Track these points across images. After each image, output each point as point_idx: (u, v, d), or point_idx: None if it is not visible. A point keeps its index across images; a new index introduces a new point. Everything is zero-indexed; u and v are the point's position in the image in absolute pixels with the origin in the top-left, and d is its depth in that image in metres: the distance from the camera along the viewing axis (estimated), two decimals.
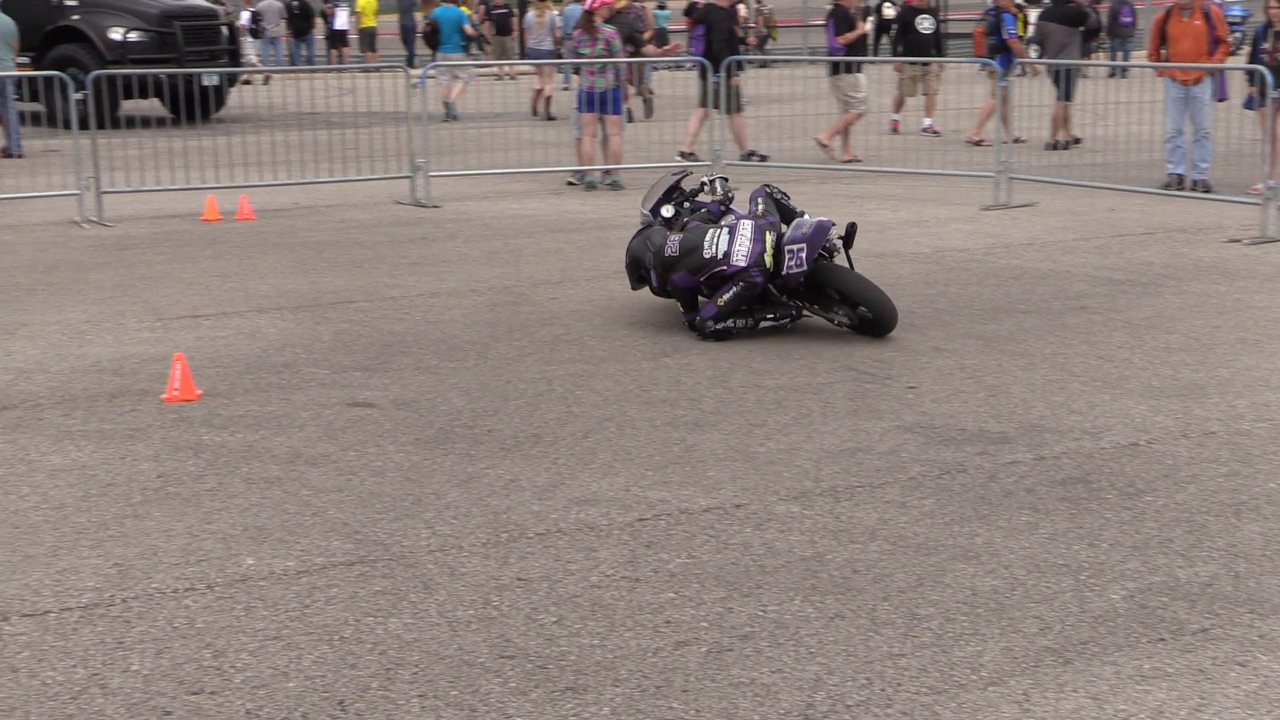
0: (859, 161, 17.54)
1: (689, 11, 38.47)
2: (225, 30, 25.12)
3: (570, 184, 16.04)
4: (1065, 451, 6.76)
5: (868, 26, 20.79)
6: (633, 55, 19.25)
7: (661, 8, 37.39)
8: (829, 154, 17.75)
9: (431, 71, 22.48)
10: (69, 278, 11.08)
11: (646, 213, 9.76)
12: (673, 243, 9.06)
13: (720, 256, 8.86)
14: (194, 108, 19.65)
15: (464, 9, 27.03)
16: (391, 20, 38.67)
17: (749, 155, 17.39)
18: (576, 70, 16.26)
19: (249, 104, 26.20)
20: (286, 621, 4.98)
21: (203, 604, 5.14)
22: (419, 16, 36.20)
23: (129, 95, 18.38)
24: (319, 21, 38.28)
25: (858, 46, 18.43)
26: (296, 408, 7.51)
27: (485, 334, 9.07)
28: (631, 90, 20.90)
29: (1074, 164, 17.22)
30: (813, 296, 9.10)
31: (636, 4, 23.74)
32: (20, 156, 17.76)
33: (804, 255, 8.77)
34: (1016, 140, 16.97)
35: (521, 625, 4.95)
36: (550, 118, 23.96)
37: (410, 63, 33.20)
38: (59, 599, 5.18)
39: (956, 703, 4.40)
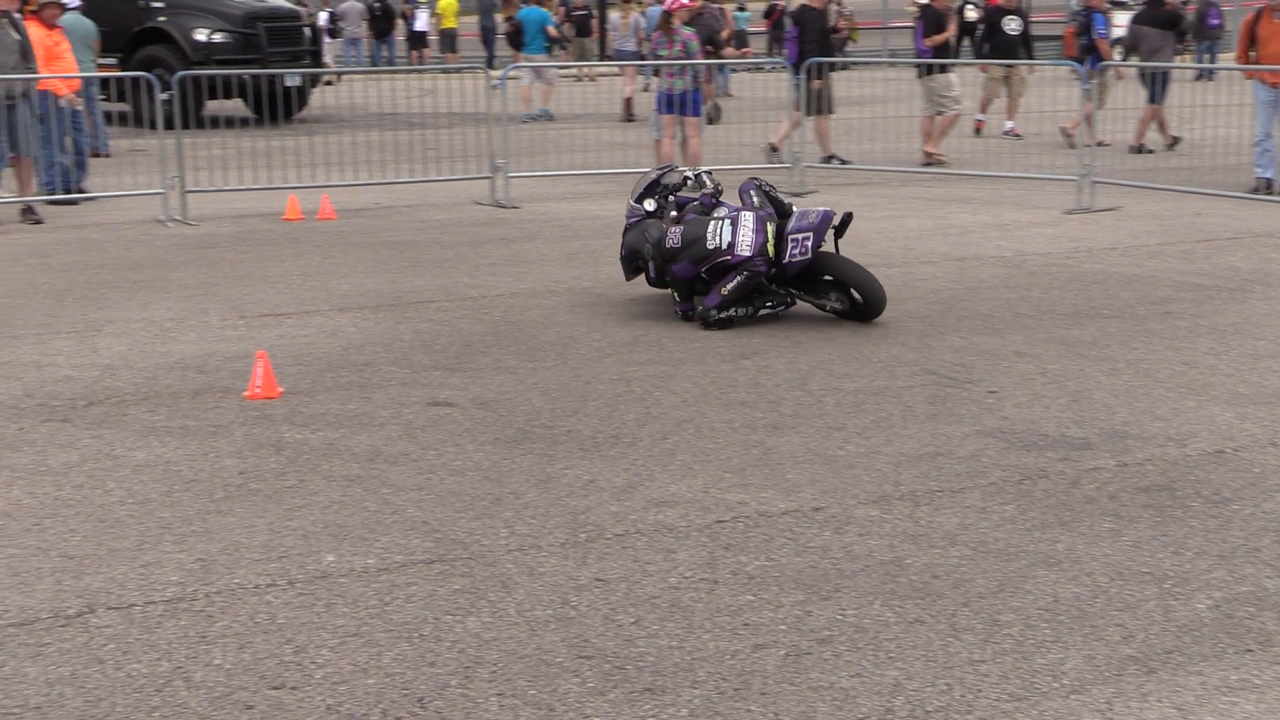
0: (942, 164, 17.42)
1: (768, 14, 38.50)
2: (308, 31, 25.34)
3: None
4: (1149, 458, 6.68)
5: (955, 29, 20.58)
6: (711, 57, 19.24)
7: (741, 9, 37.36)
8: (939, 160, 17.53)
9: (514, 73, 22.58)
10: (154, 275, 11.21)
11: (633, 204, 9.96)
12: (674, 234, 9.25)
13: (724, 247, 9.10)
14: (276, 108, 19.83)
15: (547, 10, 27.11)
16: (472, 21, 38.88)
17: (829, 158, 17.32)
18: (656, 72, 16.26)
19: (330, 104, 26.42)
20: (366, 618, 5.01)
21: (284, 600, 5.18)
22: (499, 18, 36.38)
23: (213, 96, 18.61)
24: (400, 23, 38.53)
25: (943, 49, 18.28)
26: (377, 406, 7.55)
27: (564, 335, 9.09)
28: (714, 90, 20.88)
29: (1159, 168, 17.04)
30: (802, 284, 9.43)
31: (713, 5, 23.71)
32: (107, 156, 17.99)
33: (809, 244, 9.10)
34: (1099, 143, 16.80)
35: (600, 626, 4.95)
36: (630, 119, 23.97)
37: (490, 64, 33.34)
38: (144, 593, 5.24)
39: (1038, 710, 4.36)
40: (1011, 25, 20.05)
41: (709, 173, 10.05)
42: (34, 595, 5.22)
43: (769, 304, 9.36)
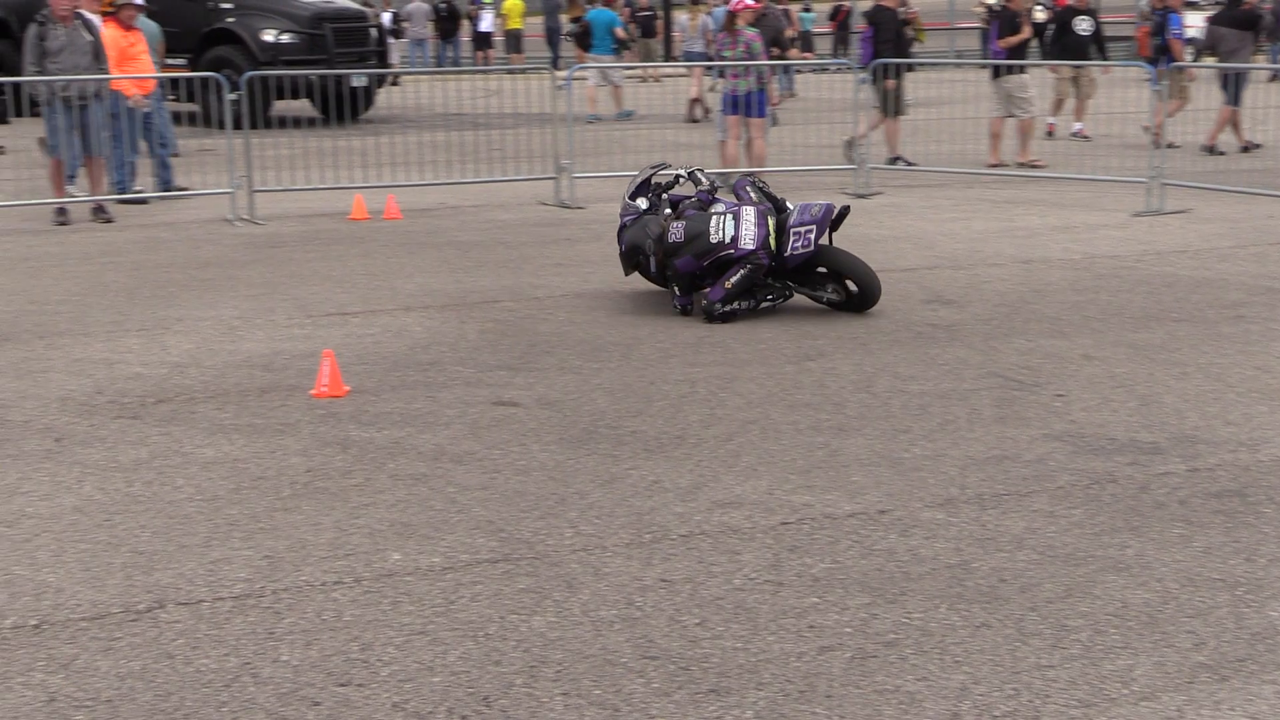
0: (1005, 166, 17.30)
1: (834, 15, 38.35)
2: (374, 32, 25.48)
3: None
4: (1220, 463, 6.60)
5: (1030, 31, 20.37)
6: (777, 59, 19.19)
7: (806, 10, 37.24)
8: (1036, 164, 17.37)
9: (580, 73, 22.62)
10: (221, 274, 11.31)
11: (628, 201, 10.10)
12: (676, 229, 9.43)
13: (727, 241, 9.32)
14: (343, 108, 19.94)
15: (616, 12, 27.14)
16: (537, 22, 38.97)
17: (895, 160, 17.24)
18: (721, 73, 16.24)
19: (396, 105, 26.56)
20: (432, 617, 5.03)
21: (350, 597, 5.20)
22: (564, 18, 36.46)
23: (280, 96, 18.75)
24: (465, 23, 38.68)
25: (1018, 51, 18.10)
26: (442, 405, 7.58)
27: (629, 335, 9.10)
28: (777, 91, 20.82)
29: (1230, 170, 16.85)
30: (799, 277, 9.66)
31: (777, 7, 23.63)
32: (176, 155, 18.14)
33: (811, 237, 9.32)
34: (1170, 145, 16.64)
35: (664, 626, 4.94)
36: (694, 120, 23.95)
37: (555, 64, 33.41)
38: (212, 589, 5.28)
39: (1107, 717, 4.32)
40: (1083, 25, 19.82)
41: (702, 170, 10.21)
42: (105, 590, 5.27)
43: (769, 297, 9.60)
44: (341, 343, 8.86)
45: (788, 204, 9.73)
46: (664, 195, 10.04)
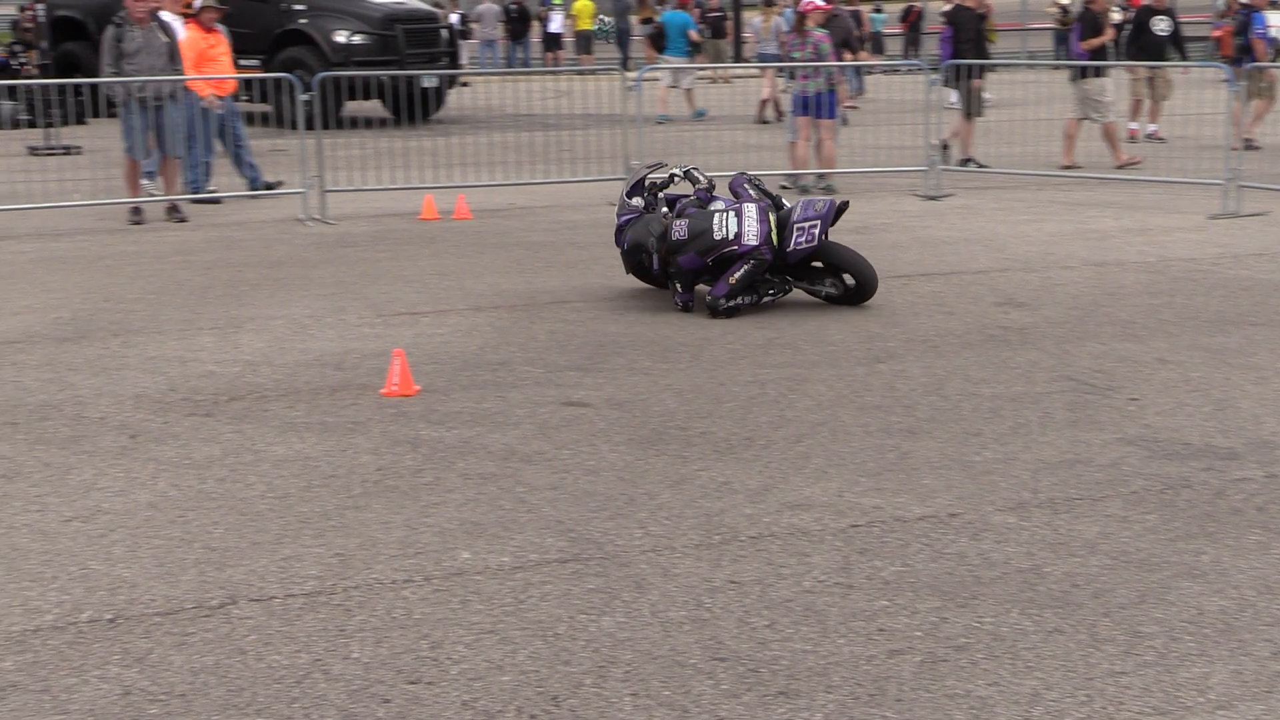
0: (1079, 168, 17.15)
1: (905, 16, 38.15)
2: (445, 33, 25.60)
3: (784, 188, 15.97)
4: None
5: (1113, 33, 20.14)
6: (847, 60, 19.13)
7: (877, 11, 37.07)
8: (1133, 162, 17.21)
9: (653, 74, 22.62)
10: (293, 274, 11.39)
11: (627, 200, 10.16)
12: (679, 227, 9.56)
13: (731, 237, 9.48)
14: (414, 109, 20.04)
15: (690, 14, 27.13)
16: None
17: (966, 161, 17.12)
18: (791, 74, 16.19)
19: (467, 105, 26.66)
20: (501, 616, 5.04)
21: (420, 595, 5.22)
22: (635, 19, 36.48)
23: (352, 96, 18.86)
24: (535, 24, 38.80)
25: (1100, 53, 17.90)
26: (512, 405, 7.60)
27: (698, 336, 9.09)
28: (847, 93, 20.75)
29: None
30: (797, 272, 9.85)
31: (846, 8, 23.54)
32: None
33: (816, 232, 9.54)
34: (1249, 147, 16.43)
35: (734, 628, 4.93)
36: (764, 121, 23.91)
37: (625, 65, 33.45)
38: (284, 585, 5.32)
39: None
40: (1160, 25, 19.57)
41: (698, 168, 10.30)
42: (179, 586, 5.32)
43: (771, 292, 9.77)
44: (412, 342, 8.90)
45: (783, 201, 9.94)
46: (660, 194, 10.15)
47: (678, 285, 9.77)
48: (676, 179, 10.23)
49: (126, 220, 14.05)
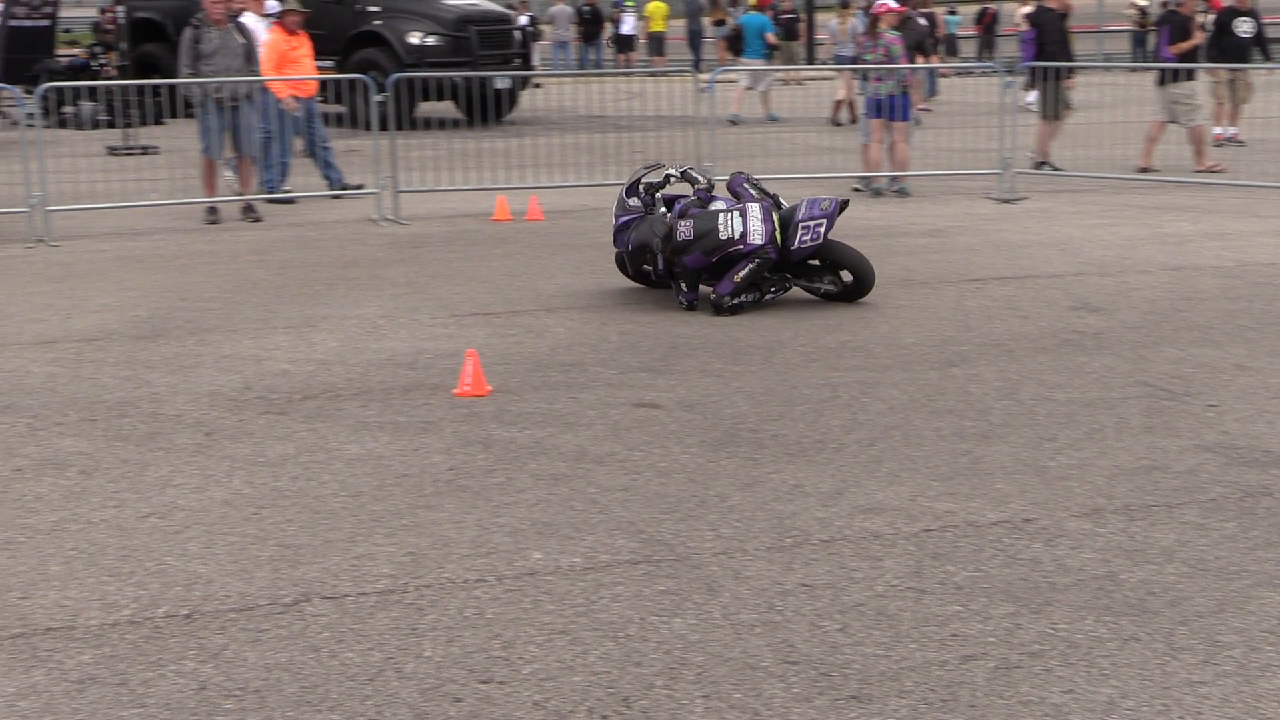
0: (1156, 171, 16.97)
1: (980, 18, 37.90)
2: (518, 34, 25.69)
3: (856, 190, 15.92)
4: None
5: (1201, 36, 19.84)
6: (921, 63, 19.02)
7: (952, 13, 36.87)
8: (1215, 169, 17.01)
9: (730, 75, 22.59)
10: (367, 273, 11.46)
11: (628, 201, 10.21)
12: (685, 227, 9.68)
13: (737, 237, 9.62)
14: (486, 110, 20.11)
15: (768, 16, 27.07)
16: (679, 25, 39.01)
17: (1042, 164, 16.98)
18: (865, 77, 16.13)
19: (539, 107, 26.73)
20: (573, 617, 5.05)
21: (492, 595, 5.24)
22: (707, 21, 36.45)
23: (425, 97, 18.96)
24: (608, 26, 38.86)
25: (1189, 56, 17.66)
26: (583, 406, 7.61)
27: (770, 339, 9.06)
28: (921, 95, 20.64)
29: None
30: (796, 269, 10.00)
31: (919, 11, 23.39)
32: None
33: (821, 230, 9.69)
34: None
35: (805, 631, 4.91)
36: (838, 123, 23.82)
37: (697, 67, 33.43)
38: (356, 583, 5.35)
39: None
40: (1244, 27, 19.27)
41: (694, 168, 10.44)
42: (253, 582, 5.36)
43: (773, 289, 9.93)
44: (484, 342, 8.93)
45: (780, 199, 10.04)
46: (657, 195, 10.23)
47: (682, 285, 9.88)
48: (673, 179, 10.35)
49: (203, 219, 14.19)
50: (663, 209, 10.04)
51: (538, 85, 31.27)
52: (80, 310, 10.14)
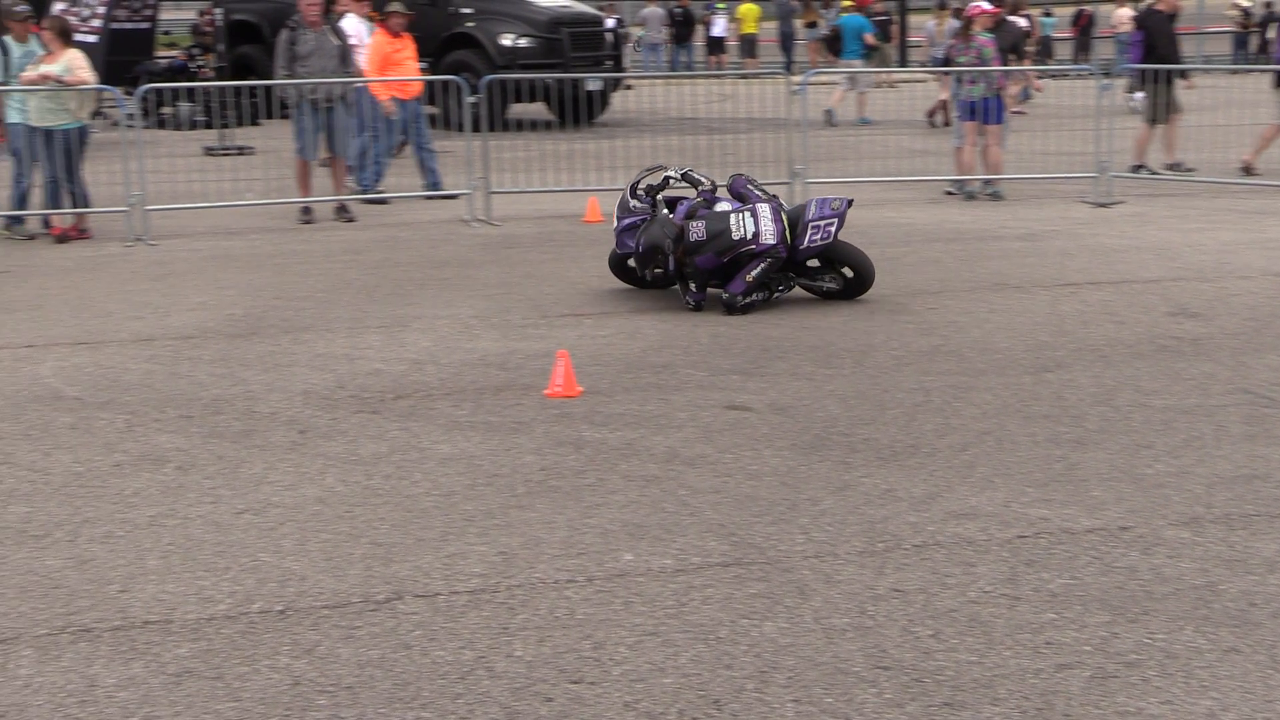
0: (1258, 174, 16.68)
1: (1076, 20, 37.47)
2: (610, 36, 25.73)
3: (949, 193, 15.80)
4: None
5: None
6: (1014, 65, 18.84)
7: (1047, 15, 36.49)
8: None
9: (823, 78, 22.47)
10: (459, 274, 11.52)
11: (630, 200, 10.25)
12: (697, 228, 9.72)
13: (749, 237, 9.69)
14: (578, 111, 20.16)
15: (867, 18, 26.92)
16: (771, 27, 38.89)
17: (1139, 167, 16.76)
18: (957, 79, 15.99)
19: (631, 109, 26.76)
20: (664, 618, 5.04)
21: (582, 596, 5.24)
22: (799, 23, 36.32)
23: (517, 99, 19.03)
24: (700, 28, 38.81)
25: None
26: (674, 408, 7.60)
27: (862, 342, 9.01)
28: (1016, 98, 20.43)
29: None
30: (798, 268, 10.11)
31: (1012, 16, 23.17)
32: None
33: (832, 230, 9.84)
34: None
35: (897, 637, 4.88)
36: (934, 124, 23.64)
37: (789, 69, 33.33)
38: (448, 582, 5.37)
39: None
40: None
41: (694, 170, 10.43)
42: (346, 580, 5.40)
43: (780, 288, 10.05)
44: (575, 343, 8.95)
45: (777, 199, 10.14)
46: (657, 197, 10.24)
47: (691, 285, 9.93)
48: (673, 181, 10.39)
49: (297, 219, 14.32)
50: (665, 210, 10.06)
51: (629, 87, 31.30)
52: (177, 308, 10.27)
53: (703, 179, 10.25)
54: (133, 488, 6.48)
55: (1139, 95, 17.27)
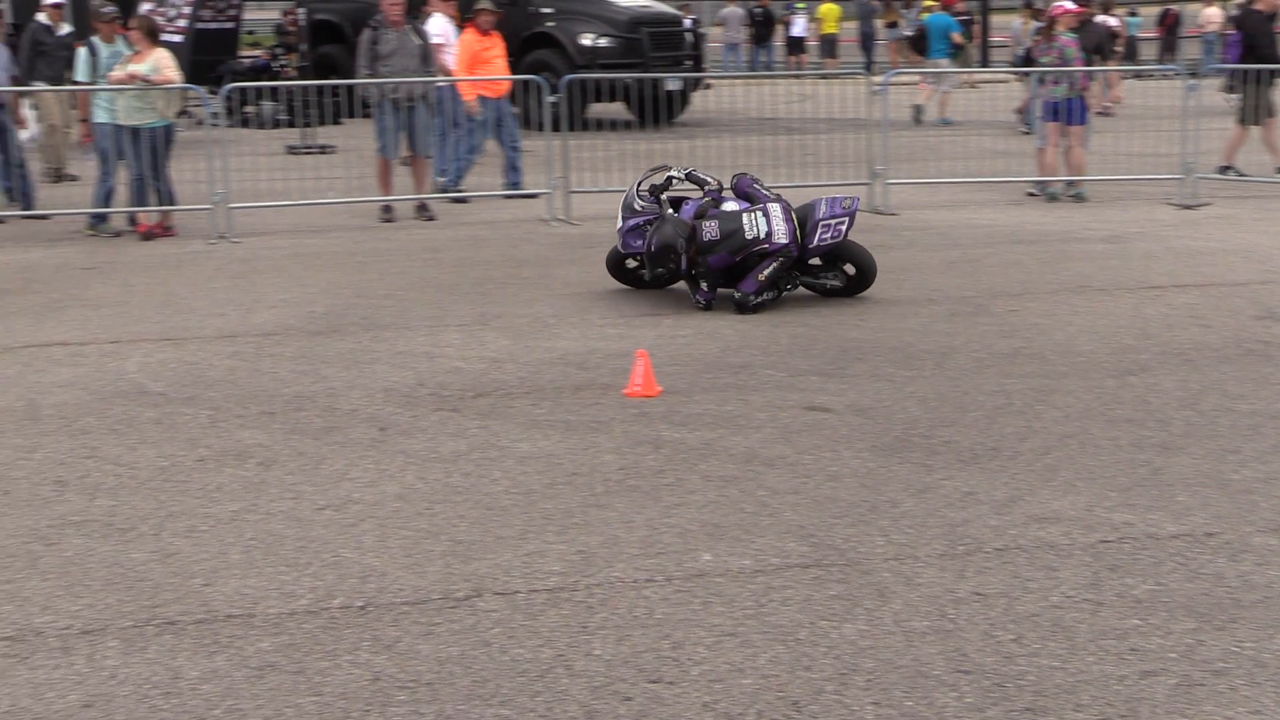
0: None
1: (1162, 19, 37.06)
2: (689, 36, 25.71)
3: (1031, 195, 15.66)
4: None
5: None
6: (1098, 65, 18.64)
7: (1133, 14, 36.12)
8: None
9: (904, 78, 22.34)
10: (538, 273, 11.55)
11: (638, 199, 10.28)
12: (709, 228, 9.77)
13: (762, 236, 9.73)
14: (657, 111, 20.17)
15: (953, 17, 26.76)
16: (851, 27, 38.72)
17: (1226, 169, 16.53)
18: (1042, 80, 15.85)
19: (711, 109, 26.73)
20: (742, 619, 5.03)
21: (661, 595, 5.24)
22: (879, 23, 36.15)
23: (597, 98, 19.06)
24: (780, 28, 38.71)
25: None
26: (753, 409, 7.58)
27: (943, 344, 8.94)
28: (1101, 98, 20.22)
29: None
30: (801, 267, 10.14)
31: (1102, 16, 22.97)
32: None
33: (843, 229, 9.92)
34: None
35: (978, 640, 4.84)
36: (1027, 124, 23.46)
37: (869, 69, 33.17)
38: (527, 580, 5.38)
39: None
40: None
41: (697, 170, 10.50)
42: (425, 576, 5.43)
43: (788, 286, 10.12)
44: (654, 343, 8.94)
45: (780, 197, 10.14)
46: (661, 197, 10.24)
47: (701, 284, 9.99)
48: (676, 181, 10.38)
49: (378, 218, 14.42)
50: (669, 210, 10.08)
51: (708, 87, 31.26)
52: (259, 305, 10.37)
53: (708, 179, 10.31)
54: (216, 483, 6.55)
55: (1235, 96, 17.02)
